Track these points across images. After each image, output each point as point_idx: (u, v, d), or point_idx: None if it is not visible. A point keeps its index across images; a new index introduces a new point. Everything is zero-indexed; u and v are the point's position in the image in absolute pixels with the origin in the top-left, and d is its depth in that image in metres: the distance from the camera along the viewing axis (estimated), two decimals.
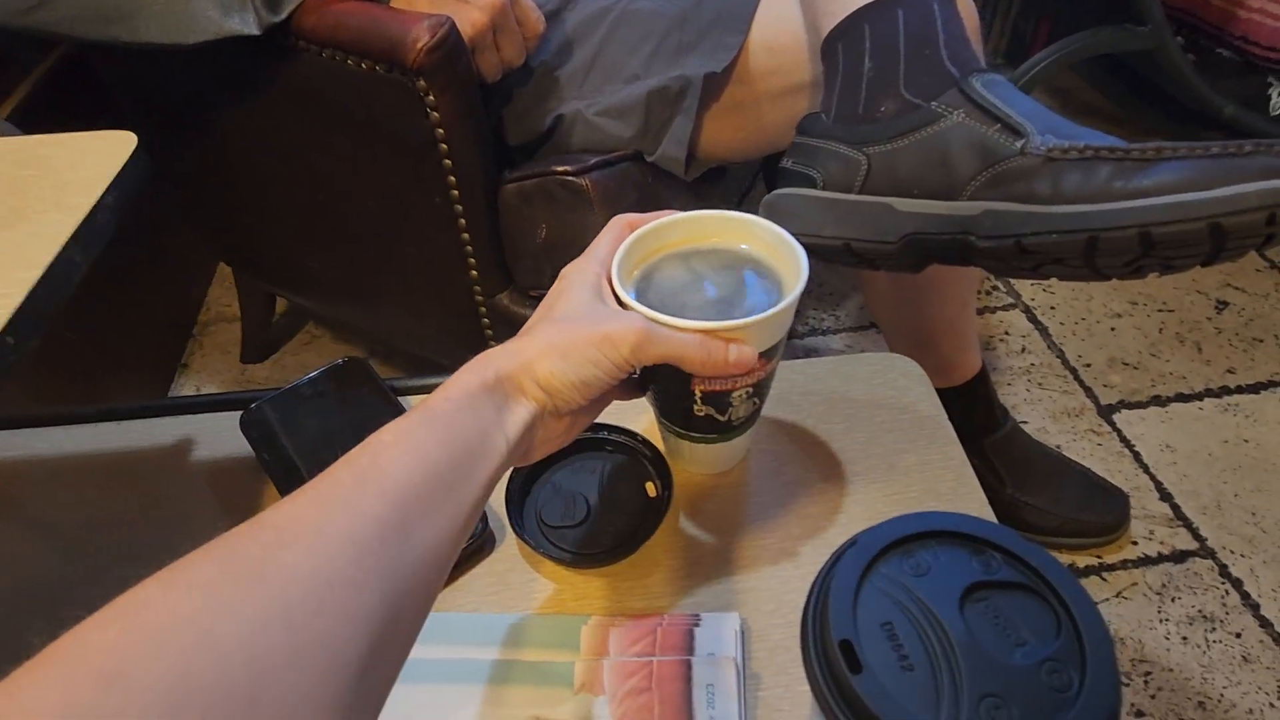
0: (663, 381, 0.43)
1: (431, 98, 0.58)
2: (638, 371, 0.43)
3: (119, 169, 0.37)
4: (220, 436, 0.54)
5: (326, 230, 0.80)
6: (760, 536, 0.47)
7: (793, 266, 0.42)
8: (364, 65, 0.58)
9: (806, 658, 0.26)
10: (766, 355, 0.41)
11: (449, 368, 0.56)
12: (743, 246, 0.44)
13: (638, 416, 0.52)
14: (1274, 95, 1.35)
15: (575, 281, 0.40)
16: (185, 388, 1.20)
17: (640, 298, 0.41)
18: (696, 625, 0.41)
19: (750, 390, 0.43)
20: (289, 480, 0.48)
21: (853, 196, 0.53)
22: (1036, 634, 0.25)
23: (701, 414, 0.43)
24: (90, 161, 0.37)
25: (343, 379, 0.54)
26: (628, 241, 0.42)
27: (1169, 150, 0.42)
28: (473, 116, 0.62)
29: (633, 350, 0.36)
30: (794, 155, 0.57)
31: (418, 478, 0.29)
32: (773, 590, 0.44)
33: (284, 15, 0.58)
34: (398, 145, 0.64)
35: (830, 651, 0.25)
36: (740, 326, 0.38)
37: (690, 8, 0.68)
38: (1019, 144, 0.46)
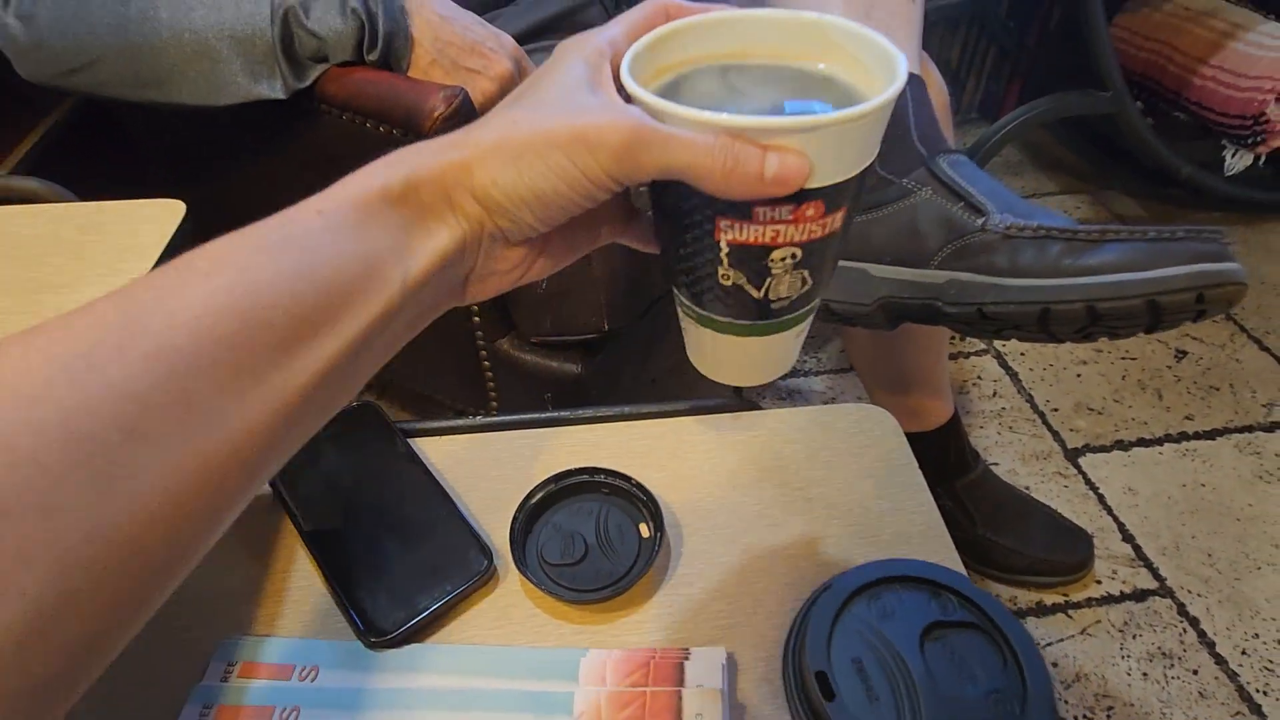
0: (675, 218, 0.29)
1: None
2: (639, 195, 0.32)
3: (170, 235, 0.41)
4: None
5: None
6: (745, 576, 0.51)
7: (884, 68, 0.28)
8: (382, 129, 0.63)
9: (787, 687, 0.30)
10: (826, 198, 0.27)
11: (448, 406, 0.60)
12: (819, 66, 0.31)
13: (632, 461, 0.56)
14: (1228, 157, 1.44)
15: (566, 59, 0.28)
16: None
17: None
18: (686, 659, 0.45)
19: (798, 254, 0.29)
20: (302, 521, 0.52)
21: None
22: (985, 669, 0.29)
23: (729, 282, 0.30)
24: (144, 229, 0.41)
25: (353, 423, 0.57)
26: (657, 32, 0.30)
27: (1112, 233, 0.47)
28: None
29: (616, 156, 0.25)
30: None
31: (228, 330, 0.20)
32: (756, 626, 0.48)
33: (309, 82, 0.63)
34: None
35: (807, 682, 0.29)
36: (788, 126, 0.25)
37: None
38: (980, 221, 0.51)
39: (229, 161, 0.76)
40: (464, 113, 0.61)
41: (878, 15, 0.60)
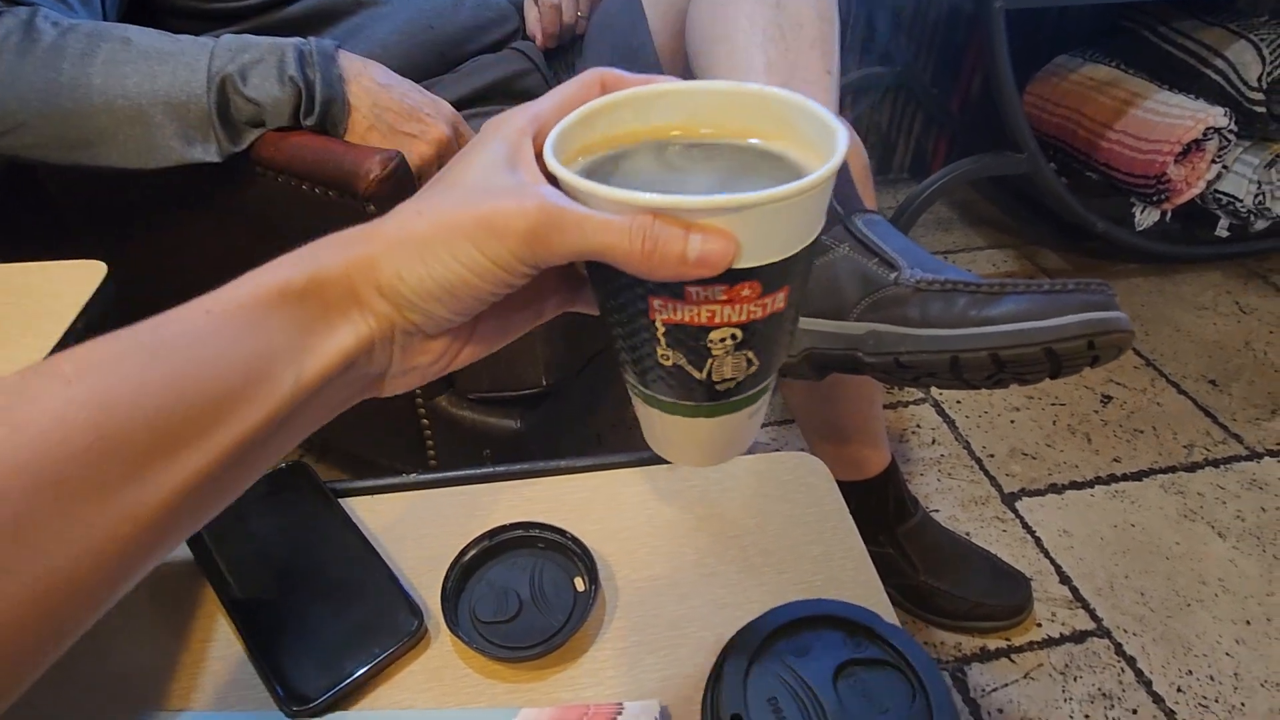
0: (610, 296, 0.28)
1: None
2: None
3: (89, 297, 0.41)
4: None
5: None
6: (679, 625, 0.51)
7: (824, 142, 0.27)
8: (318, 190, 0.64)
9: None
10: (763, 279, 0.25)
11: (387, 468, 0.59)
12: (762, 140, 0.29)
13: (568, 514, 0.56)
14: (1137, 214, 1.54)
15: (485, 138, 0.26)
16: None
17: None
18: (619, 714, 0.44)
19: (739, 334, 0.27)
20: (226, 584, 0.50)
21: None
22: (895, 703, 0.30)
23: (670, 363, 0.28)
24: (63, 290, 0.41)
25: (282, 483, 0.56)
26: (589, 106, 0.28)
27: (1011, 286, 0.50)
28: None
29: (525, 240, 0.23)
30: None
31: (58, 455, 0.19)
32: (690, 676, 0.47)
33: (244, 146, 0.64)
34: None
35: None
36: (712, 205, 0.24)
37: None
38: (893, 275, 0.54)
39: (159, 222, 0.75)
40: (400, 176, 0.62)
41: (797, 85, 0.64)
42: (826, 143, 0.26)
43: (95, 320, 0.41)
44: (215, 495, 0.23)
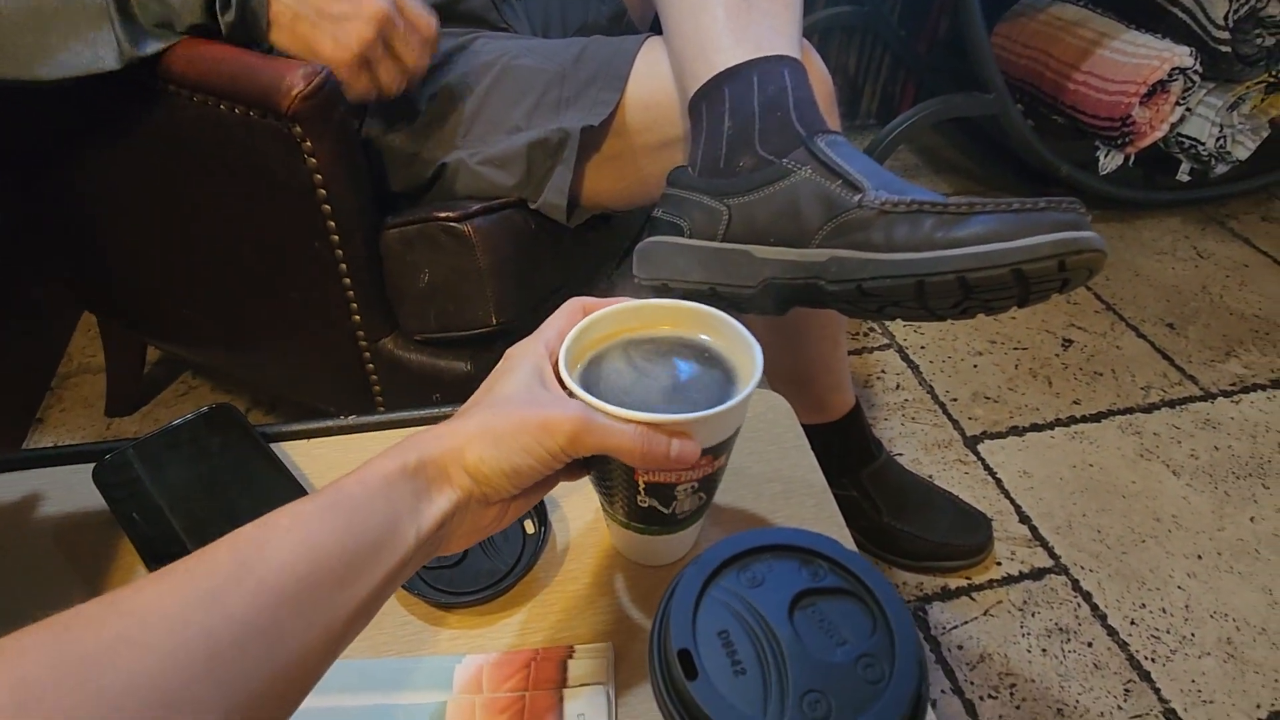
0: (606, 470, 0.41)
1: (308, 143, 0.59)
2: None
3: None
4: (74, 490, 0.51)
5: (202, 276, 0.77)
6: (632, 567, 0.49)
7: (748, 361, 0.40)
8: (238, 110, 0.58)
9: (651, 669, 0.27)
10: (713, 452, 0.39)
11: (335, 415, 0.56)
12: (701, 337, 0.43)
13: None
14: (1101, 158, 1.53)
15: (518, 363, 0.38)
16: (41, 444, 1.12)
17: (588, 383, 0.39)
18: (570, 657, 0.42)
19: (696, 485, 0.41)
20: (147, 537, 0.46)
21: (716, 244, 0.57)
22: (855, 633, 0.28)
23: (645, 505, 0.41)
24: None
25: (210, 426, 0.52)
26: (579, 326, 0.41)
27: (979, 206, 0.48)
28: (350, 161, 0.63)
29: (569, 440, 0.34)
30: (664, 205, 0.60)
31: (303, 571, 0.27)
32: (641, 618, 0.45)
33: (148, 53, 0.58)
34: (275, 189, 0.63)
35: (670, 661, 0.26)
36: (685, 422, 0.36)
37: (569, 66, 0.72)
38: (857, 198, 0.51)
39: (68, 153, 0.69)
40: (326, 90, 0.57)
41: (755, 18, 0.59)
42: (749, 352, 0.40)
43: None
44: (367, 616, 0.30)
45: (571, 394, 0.37)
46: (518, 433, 0.34)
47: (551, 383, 0.37)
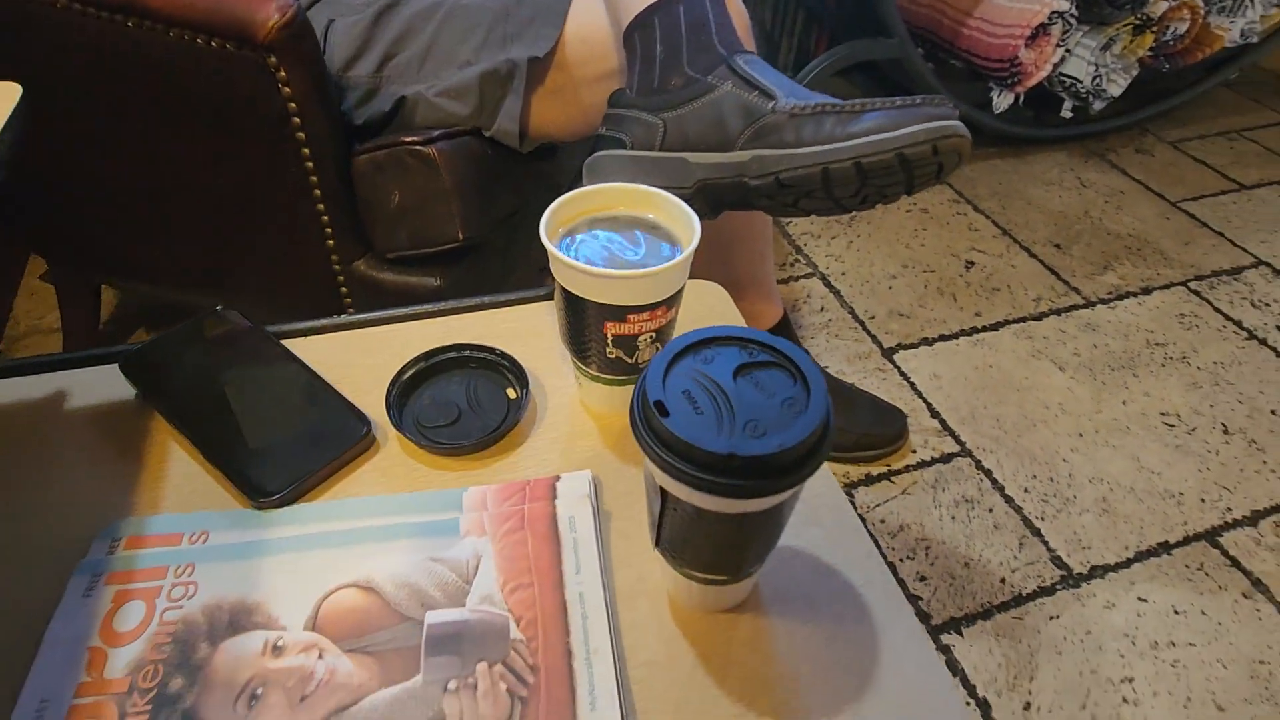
0: (581, 326, 0.50)
1: (283, 73, 0.64)
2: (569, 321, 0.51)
3: (4, 119, 0.42)
4: (96, 388, 0.56)
5: (178, 210, 0.81)
6: (604, 419, 0.58)
7: (687, 230, 0.50)
8: (214, 43, 0.63)
9: (633, 420, 0.37)
10: (666, 304, 0.49)
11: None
12: (649, 216, 0.53)
13: (496, 341, 0.61)
14: (995, 97, 1.67)
15: None
16: None
17: (567, 250, 0.49)
18: (558, 481, 0.51)
19: (654, 335, 0.50)
20: (184, 412, 0.53)
21: (654, 154, 0.66)
22: (781, 388, 0.37)
23: (613, 356, 0.51)
24: None
25: (220, 323, 0.59)
26: (555, 203, 0.50)
27: (870, 104, 0.58)
28: (323, 89, 0.69)
29: None
30: (607, 123, 0.69)
31: None
32: (613, 455, 0.55)
33: None
34: (250, 120, 0.68)
35: (649, 412, 0.36)
36: (642, 275, 0.46)
37: (512, 4, 0.79)
38: (771, 104, 0.61)
39: (36, 88, 0.72)
40: (299, 22, 0.63)
41: None
42: (689, 223, 0.50)
43: (14, 146, 0.42)
44: None
45: (552, 258, 0.46)
46: None
47: None
